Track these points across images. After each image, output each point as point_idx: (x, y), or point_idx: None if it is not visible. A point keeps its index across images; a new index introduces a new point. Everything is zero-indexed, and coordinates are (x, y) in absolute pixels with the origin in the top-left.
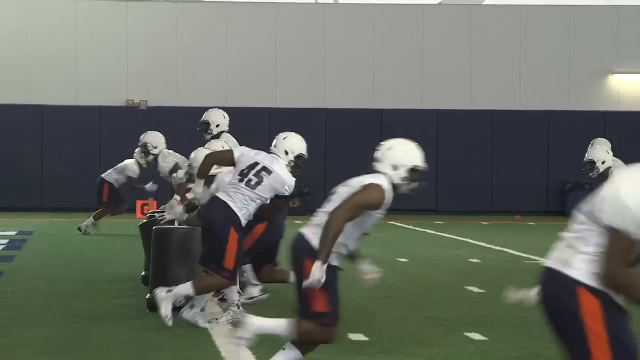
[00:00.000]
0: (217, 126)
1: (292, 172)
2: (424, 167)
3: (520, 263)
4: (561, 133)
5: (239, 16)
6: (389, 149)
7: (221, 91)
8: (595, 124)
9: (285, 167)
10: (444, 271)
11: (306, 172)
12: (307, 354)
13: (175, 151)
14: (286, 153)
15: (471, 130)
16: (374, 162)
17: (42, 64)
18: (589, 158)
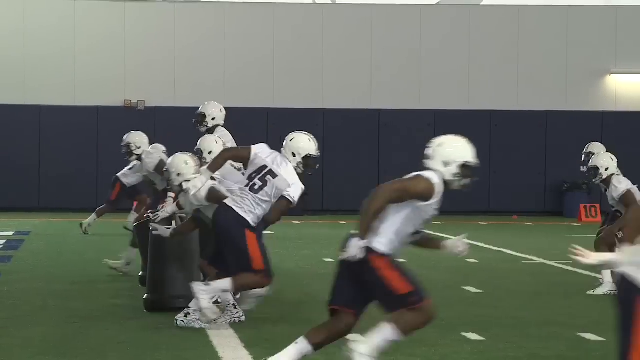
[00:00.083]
0: (212, 119)
1: (304, 173)
2: (476, 163)
3: (518, 263)
4: (559, 133)
5: (236, 16)
6: (440, 146)
7: (219, 91)
8: (592, 124)
9: (293, 169)
10: (442, 271)
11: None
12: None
13: (172, 151)
14: (293, 155)
15: (469, 130)
16: (425, 159)
17: (40, 64)
18: (592, 164)
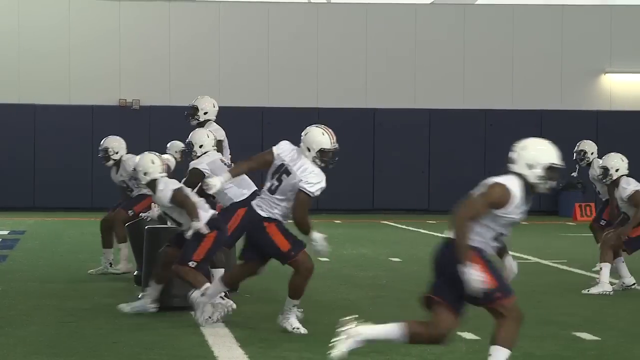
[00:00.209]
0: (205, 113)
1: (322, 168)
2: (561, 165)
3: None
4: (554, 133)
5: (232, 16)
6: (524, 149)
7: (214, 90)
8: (587, 123)
9: (311, 164)
10: None
11: None
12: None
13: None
14: (308, 150)
15: (464, 129)
16: (508, 163)
17: (35, 63)
18: (603, 164)
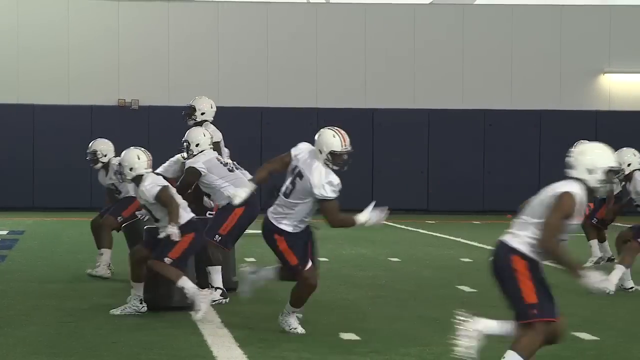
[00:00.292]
0: (202, 114)
1: (335, 170)
2: (619, 167)
3: None
4: (553, 133)
5: (231, 15)
6: (582, 154)
7: (213, 90)
8: (586, 123)
9: (321, 167)
10: (436, 271)
11: None
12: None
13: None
14: (320, 152)
15: (463, 130)
16: (567, 169)
17: (34, 63)
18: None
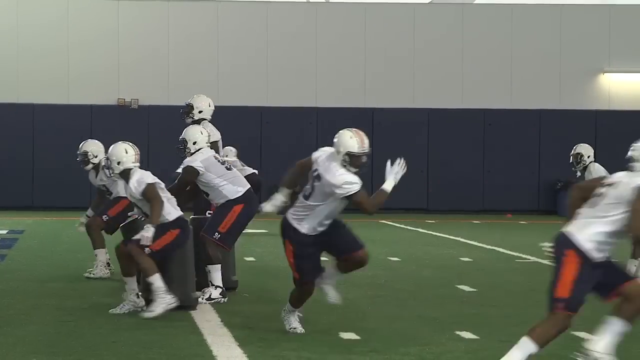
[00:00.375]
0: (200, 112)
1: (354, 171)
2: None
3: (512, 262)
4: (552, 132)
5: (230, 15)
6: None
7: (213, 90)
8: (586, 123)
9: (338, 167)
10: (436, 270)
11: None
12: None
13: (166, 151)
14: (337, 153)
15: (462, 129)
16: (631, 162)
17: (33, 63)
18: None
